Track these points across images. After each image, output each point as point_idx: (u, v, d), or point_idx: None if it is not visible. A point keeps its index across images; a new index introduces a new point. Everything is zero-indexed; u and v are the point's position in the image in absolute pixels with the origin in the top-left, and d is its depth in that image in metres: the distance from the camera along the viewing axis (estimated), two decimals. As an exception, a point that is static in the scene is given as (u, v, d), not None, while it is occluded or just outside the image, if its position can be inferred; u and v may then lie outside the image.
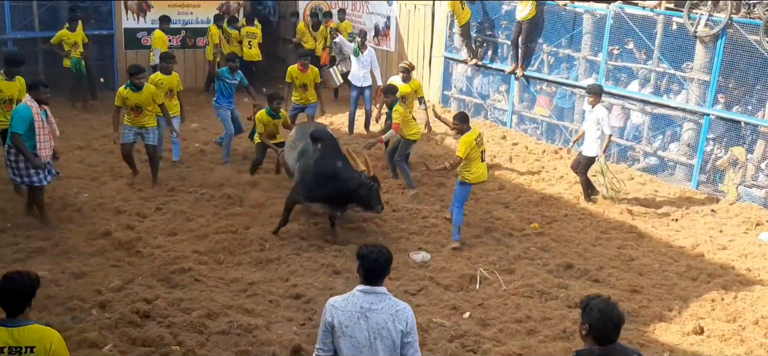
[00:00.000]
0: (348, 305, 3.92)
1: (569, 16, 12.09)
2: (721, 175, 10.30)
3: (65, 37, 12.50)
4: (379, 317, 3.89)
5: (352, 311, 3.90)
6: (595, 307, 3.56)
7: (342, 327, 3.88)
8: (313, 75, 11.16)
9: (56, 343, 3.78)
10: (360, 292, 3.95)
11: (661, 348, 6.37)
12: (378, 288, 3.96)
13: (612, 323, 3.53)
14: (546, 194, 10.16)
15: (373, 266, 3.94)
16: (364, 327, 3.87)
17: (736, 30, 9.86)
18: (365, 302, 3.92)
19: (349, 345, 3.87)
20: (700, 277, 7.80)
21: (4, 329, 3.73)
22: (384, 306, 3.92)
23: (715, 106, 10.22)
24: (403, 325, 3.91)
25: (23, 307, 3.79)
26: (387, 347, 3.88)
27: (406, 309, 3.98)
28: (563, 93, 12.39)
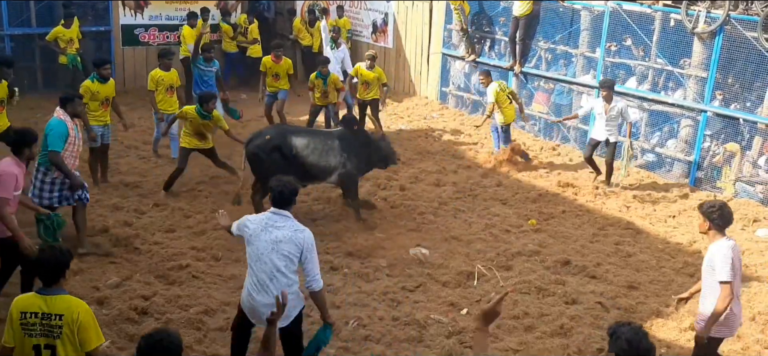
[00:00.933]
0: (258, 220, 4.93)
1: (567, 13, 12.09)
2: (718, 172, 10.32)
3: (61, 34, 12.46)
4: (279, 233, 4.81)
5: (259, 224, 4.88)
6: (623, 336, 3.39)
7: (250, 236, 4.86)
8: (287, 66, 11.72)
9: (83, 314, 4.07)
10: (270, 213, 4.93)
11: (658, 344, 6.38)
12: (284, 212, 4.90)
13: (638, 352, 3.36)
14: (543, 191, 10.17)
15: (280, 194, 4.88)
16: (264, 238, 4.80)
17: (733, 27, 9.87)
18: (271, 220, 4.87)
19: (253, 252, 4.86)
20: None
21: (40, 296, 4.07)
22: (285, 226, 4.84)
23: (713, 102, 10.23)
24: (300, 244, 4.80)
25: (58, 278, 4.10)
26: (282, 258, 4.79)
27: (305, 232, 4.87)
28: (561, 90, 12.40)
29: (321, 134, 8.92)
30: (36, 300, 4.06)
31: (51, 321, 4.01)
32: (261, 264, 4.81)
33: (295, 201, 4.99)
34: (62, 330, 4.01)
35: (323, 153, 8.49)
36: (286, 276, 4.82)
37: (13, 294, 5.20)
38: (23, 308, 4.05)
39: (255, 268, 4.85)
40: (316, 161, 8.47)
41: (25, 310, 4.04)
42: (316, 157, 8.47)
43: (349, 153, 8.54)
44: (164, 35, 14.92)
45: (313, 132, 9.22)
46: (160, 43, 14.86)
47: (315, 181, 8.78)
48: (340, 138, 8.61)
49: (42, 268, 4.10)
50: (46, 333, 4.02)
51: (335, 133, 8.82)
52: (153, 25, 14.75)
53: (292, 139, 8.44)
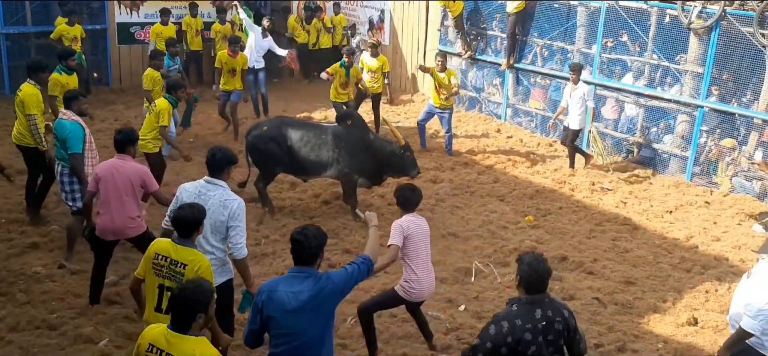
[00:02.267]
0: (192, 187, 5.13)
1: (563, 9, 12.09)
2: (714, 167, 10.34)
3: (65, 31, 12.41)
4: (210, 201, 4.98)
5: (193, 192, 5.07)
6: (525, 261, 4.00)
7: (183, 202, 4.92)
8: (243, 61, 11.40)
9: (204, 269, 4.49)
10: (203, 180, 5.13)
11: (656, 340, 6.41)
12: (217, 181, 5.11)
13: (538, 274, 3.94)
14: (540, 187, 10.19)
15: (213, 162, 5.12)
16: None
17: (729, 22, 9.88)
18: (204, 188, 5.09)
19: None
20: (694, 269, 7.84)
21: (172, 243, 4.59)
22: (216, 194, 5.04)
23: (709, 98, 10.25)
24: (228, 212, 4.98)
25: (191, 233, 4.59)
26: (211, 224, 4.97)
27: (235, 201, 5.04)
28: (557, 86, 12.40)
29: (316, 128, 8.88)
30: (170, 246, 4.58)
31: (176, 267, 4.53)
32: None
33: (229, 170, 5.18)
34: (183, 277, 4.44)
35: (316, 147, 8.50)
36: (210, 243, 5.04)
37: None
38: (158, 250, 4.60)
39: None
40: (308, 154, 8.49)
41: (159, 252, 4.58)
42: (308, 150, 8.48)
43: (341, 149, 8.51)
44: (160, 33, 14.88)
45: (309, 125, 9.18)
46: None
47: (311, 175, 8.80)
48: (334, 133, 8.59)
49: (179, 224, 4.57)
50: (170, 276, 4.54)
51: (330, 127, 8.79)
52: (148, 23, 14.70)
53: (288, 131, 8.47)
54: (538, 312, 3.89)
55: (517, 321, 3.84)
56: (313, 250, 4.03)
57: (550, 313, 3.91)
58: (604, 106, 11.72)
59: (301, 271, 4.04)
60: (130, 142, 6.17)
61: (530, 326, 3.83)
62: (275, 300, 3.98)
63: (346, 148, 8.51)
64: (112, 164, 6.10)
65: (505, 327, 3.83)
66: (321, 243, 4.08)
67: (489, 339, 3.83)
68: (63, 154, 6.94)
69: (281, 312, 3.96)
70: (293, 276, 4.05)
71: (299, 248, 4.02)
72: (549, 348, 3.87)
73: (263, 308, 4.01)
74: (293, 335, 3.98)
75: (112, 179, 6.00)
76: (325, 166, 8.56)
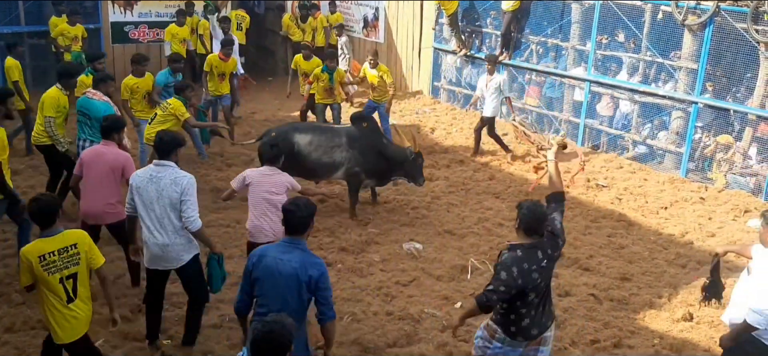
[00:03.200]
0: (143, 173, 5.42)
1: (558, 7, 12.10)
2: (709, 163, 10.36)
3: (65, 31, 12.36)
4: (162, 182, 5.27)
5: (145, 177, 5.35)
6: (525, 207, 4.45)
7: (138, 188, 5.32)
8: (233, 65, 11.21)
9: (89, 244, 4.71)
10: (153, 164, 5.43)
11: (651, 335, 6.42)
12: (165, 163, 5.37)
13: (536, 217, 4.39)
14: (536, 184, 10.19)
15: (160, 146, 5.41)
16: (151, 188, 5.29)
17: (723, 18, 9.91)
18: (154, 171, 5.36)
19: (141, 201, 5.33)
20: (690, 264, 7.86)
21: (48, 238, 4.55)
22: (166, 175, 5.31)
23: (704, 94, 10.27)
24: (180, 189, 5.26)
25: (54, 220, 4.58)
26: (167, 204, 5.28)
27: (185, 178, 5.33)
28: (552, 83, 12.42)
29: (328, 131, 8.82)
30: (47, 243, 4.53)
31: (68, 252, 4.57)
32: (150, 211, 5.32)
33: (176, 152, 5.45)
34: (80, 257, 4.61)
35: (328, 150, 8.51)
36: (172, 222, 5.33)
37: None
38: (38, 253, 4.49)
39: (146, 216, 5.34)
40: (319, 158, 8.49)
41: (43, 253, 4.49)
42: (319, 154, 8.48)
43: (355, 150, 8.52)
44: (154, 32, 14.87)
45: (319, 128, 9.05)
46: (149, 40, 14.81)
47: (323, 177, 8.81)
48: (348, 134, 8.61)
49: (37, 216, 4.56)
50: (67, 264, 4.57)
51: (343, 129, 8.79)
52: (142, 22, 14.69)
53: (296, 136, 8.44)
54: (539, 254, 4.38)
55: (524, 264, 4.30)
56: (304, 219, 4.28)
57: (549, 251, 4.45)
58: (599, 103, 11.74)
59: (292, 242, 4.29)
60: (115, 129, 6.33)
61: (535, 267, 4.34)
62: (263, 264, 4.25)
63: (359, 149, 8.53)
64: (96, 150, 6.35)
65: (514, 272, 4.27)
66: (311, 213, 4.33)
67: (502, 284, 4.27)
68: (92, 131, 7.37)
69: (268, 274, 4.22)
70: (285, 244, 4.30)
71: (290, 216, 4.26)
72: (548, 278, 4.50)
73: (252, 270, 4.28)
74: (275, 301, 4.19)
75: (94, 165, 6.20)
76: (338, 167, 8.59)
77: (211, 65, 10.93)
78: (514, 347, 4.53)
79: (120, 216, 6.23)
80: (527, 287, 4.31)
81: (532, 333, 4.49)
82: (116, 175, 6.21)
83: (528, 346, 4.54)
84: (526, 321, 4.44)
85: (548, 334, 4.58)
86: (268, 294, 4.23)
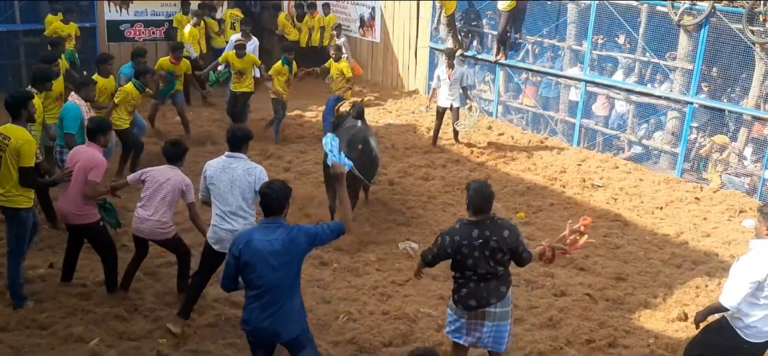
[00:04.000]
0: (216, 162, 5.73)
1: (554, 7, 12.12)
2: (705, 163, 10.39)
3: (59, 29, 12.32)
4: (235, 172, 5.61)
5: (218, 167, 5.68)
6: (472, 187, 4.88)
7: (211, 178, 5.67)
8: (185, 67, 11.41)
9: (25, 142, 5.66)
10: (225, 156, 5.72)
11: (646, 335, 6.43)
12: (237, 154, 5.68)
13: (482, 198, 4.82)
14: (532, 184, 10.21)
15: (232, 139, 5.70)
16: (225, 178, 5.62)
17: (719, 19, 9.93)
18: (226, 162, 5.67)
19: (216, 190, 5.66)
20: (685, 264, 7.88)
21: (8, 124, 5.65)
22: (239, 165, 5.64)
23: (699, 94, 10.30)
24: (253, 178, 5.59)
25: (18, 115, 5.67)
26: (239, 193, 5.62)
27: (256, 168, 5.68)
28: (548, 83, 12.44)
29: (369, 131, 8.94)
30: None
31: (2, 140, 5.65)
32: (223, 200, 5.62)
33: (247, 145, 5.75)
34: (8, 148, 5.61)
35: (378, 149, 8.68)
36: (244, 209, 5.65)
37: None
38: None
39: (220, 203, 5.65)
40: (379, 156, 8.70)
41: None
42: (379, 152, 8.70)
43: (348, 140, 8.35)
44: (150, 31, 14.83)
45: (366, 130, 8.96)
46: (146, 38, 14.77)
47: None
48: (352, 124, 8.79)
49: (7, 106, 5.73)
50: None
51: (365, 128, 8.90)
52: (139, 20, 14.65)
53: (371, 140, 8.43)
54: (475, 232, 4.80)
55: (455, 236, 4.82)
56: (281, 201, 4.53)
57: (487, 233, 4.81)
58: (594, 103, 11.76)
59: (272, 222, 4.53)
60: (99, 131, 6.28)
61: (467, 242, 4.79)
62: (252, 248, 4.43)
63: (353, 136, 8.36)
64: (77, 149, 6.41)
65: (446, 240, 4.84)
66: (286, 195, 4.57)
67: (436, 246, 4.89)
68: (61, 132, 7.47)
69: (258, 257, 4.42)
70: (266, 225, 4.53)
71: (267, 200, 4.51)
72: (489, 260, 4.82)
73: (241, 255, 4.46)
74: (269, 277, 4.44)
75: (72, 164, 6.19)
76: None
77: (163, 67, 11.08)
78: (458, 315, 4.99)
79: (87, 219, 6.20)
80: (457, 256, 4.81)
81: (470, 304, 4.90)
82: (86, 176, 6.09)
83: (470, 318, 4.94)
84: (464, 290, 4.90)
85: (492, 310, 4.91)
86: (263, 275, 4.45)
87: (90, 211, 6.21)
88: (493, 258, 4.82)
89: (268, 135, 11.69)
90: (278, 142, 11.55)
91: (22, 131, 5.83)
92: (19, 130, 5.83)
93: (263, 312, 4.50)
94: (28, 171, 5.83)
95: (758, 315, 4.73)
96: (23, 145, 5.75)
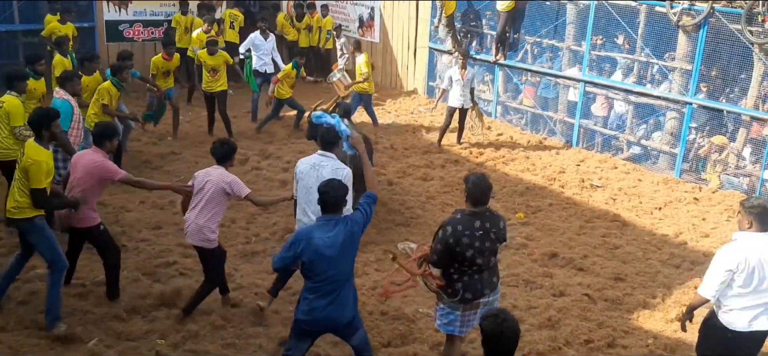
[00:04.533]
0: (308, 160, 5.95)
1: (553, 7, 12.13)
2: (703, 164, 10.40)
3: (56, 29, 12.31)
4: (324, 170, 5.74)
5: (308, 165, 5.89)
6: (470, 180, 4.99)
7: (300, 174, 5.88)
8: (177, 62, 11.34)
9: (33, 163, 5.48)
10: (317, 154, 5.91)
11: (645, 335, 6.44)
12: (328, 153, 5.88)
13: (481, 190, 4.93)
14: (531, 184, 10.21)
15: (324, 139, 5.91)
16: (313, 175, 5.77)
17: (718, 19, 9.94)
18: (318, 160, 5.87)
19: (302, 185, 5.86)
20: (684, 265, 7.88)
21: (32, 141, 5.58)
22: (328, 164, 5.82)
23: (698, 95, 10.30)
24: (342, 177, 5.63)
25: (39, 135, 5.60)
26: None
27: (344, 169, 5.85)
28: (547, 83, 12.44)
29: None
30: None
31: None
32: (309, 196, 5.74)
33: (337, 144, 5.92)
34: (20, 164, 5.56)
35: None
36: None
37: None
38: None
39: (304, 200, 5.86)
40: None
41: None
42: None
43: None
44: (149, 31, 14.83)
45: None
46: (145, 38, 14.77)
47: None
48: None
49: None
50: None
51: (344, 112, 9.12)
52: (137, 20, 14.64)
53: None
54: (477, 223, 4.90)
55: (458, 226, 4.86)
56: (338, 200, 4.74)
57: (487, 225, 4.94)
58: (594, 104, 11.76)
59: (330, 219, 4.73)
60: (106, 137, 6.17)
61: (468, 232, 4.86)
62: (313, 246, 4.64)
63: None
64: (81, 153, 6.34)
65: (449, 231, 4.87)
66: (344, 194, 4.79)
67: (439, 241, 4.91)
68: None
69: (320, 256, 4.63)
70: (324, 223, 4.73)
71: (325, 198, 4.72)
72: (486, 251, 4.93)
73: (302, 254, 4.65)
74: (331, 272, 4.68)
75: (75, 167, 6.13)
76: None
77: (157, 65, 11.04)
78: (452, 309, 5.07)
79: (91, 222, 6.16)
80: (457, 247, 4.83)
81: (466, 297, 4.99)
82: (91, 179, 6.04)
83: (465, 310, 5.05)
84: (458, 284, 4.97)
85: (485, 300, 5.07)
86: (325, 270, 4.67)
87: (91, 215, 6.18)
88: (491, 249, 4.96)
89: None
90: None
91: (37, 150, 5.63)
92: (34, 149, 5.64)
93: (323, 301, 4.74)
94: (36, 192, 5.62)
95: (736, 305, 4.84)
96: (31, 165, 5.55)
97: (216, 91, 11.32)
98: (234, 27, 14.63)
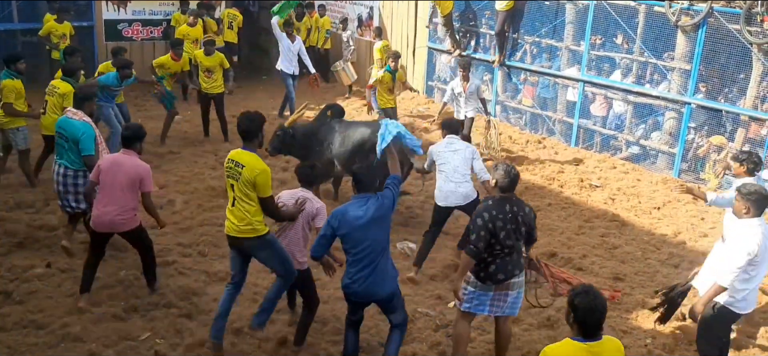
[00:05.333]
0: (440, 145, 7.33)
1: (552, 7, 12.13)
2: (702, 164, 10.41)
3: (53, 29, 12.31)
4: (458, 146, 7.25)
5: (442, 145, 7.31)
6: (502, 168, 5.36)
7: (438, 154, 7.28)
8: (184, 63, 11.35)
9: (261, 174, 5.32)
10: (446, 139, 7.33)
11: (644, 335, 6.44)
12: (455, 136, 7.33)
13: (510, 178, 5.31)
14: (530, 184, 10.22)
15: (448, 125, 7.51)
16: (449, 150, 7.21)
17: (716, 19, 9.94)
18: (449, 142, 7.29)
19: (441, 160, 7.26)
20: (682, 264, 7.89)
21: (240, 150, 5.43)
22: (461, 146, 7.28)
23: (697, 95, 10.31)
24: (470, 153, 7.26)
25: (254, 137, 5.43)
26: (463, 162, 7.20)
27: (469, 147, 7.34)
28: (546, 83, 12.45)
29: None
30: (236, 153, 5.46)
31: (237, 167, 5.36)
32: (451, 167, 7.14)
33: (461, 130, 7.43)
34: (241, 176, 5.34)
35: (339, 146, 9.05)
36: (459, 173, 7.18)
37: None
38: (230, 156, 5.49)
39: (447, 171, 7.17)
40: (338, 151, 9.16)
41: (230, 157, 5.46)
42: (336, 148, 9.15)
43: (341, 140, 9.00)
44: (148, 30, 14.84)
45: None
46: (143, 38, 14.77)
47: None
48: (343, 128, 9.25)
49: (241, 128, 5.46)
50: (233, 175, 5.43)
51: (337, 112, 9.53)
52: (136, 20, 14.65)
53: None
54: (507, 206, 5.26)
55: (493, 211, 5.21)
56: (371, 182, 5.28)
57: (515, 209, 5.30)
58: (593, 103, 11.77)
59: (363, 197, 5.20)
60: (137, 138, 6.24)
61: (501, 216, 5.21)
62: (347, 220, 5.11)
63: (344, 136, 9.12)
64: (115, 158, 6.23)
65: (486, 217, 5.18)
66: (375, 177, 5.36)
67: (478, 228, 5.16)
68: (70, 155, 6.87)
69: (353, 228, 5.09)
70: (357, 200, 5.21)
71: (360, 178, 5.25)
72: (515, 233, 5.28)
73: (338, 228, 5.12)
74: (366, 242, 5.11)
75: (111, 173, 6.09)
76: None
77: (166, 66, 11.05)
78: (484, 291, 5.35)
79: (133, 224, 6.23)
80: (494, 231, 5.15)
81: (499, 278, 5.29)
82: (134, 185, 6.08)
83: (496, 290, 5.35)
84: (492, 267, 5.26)
85: (515, 280, 5.38)
86: (361, 241, 5.12)
87: (135, 217, 6.22)
88: (518, 231, 5.29)
89: None
90: None
91: (255, 158, 5.40)
92: (252, 157, 5.40)
93: (362, 272, 5.17)
94: (266, 202, 5.45)
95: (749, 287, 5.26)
96: (259, 175, 5.33)
97: (213, 93, 11.26)
98: (232, 27, 14.63)
